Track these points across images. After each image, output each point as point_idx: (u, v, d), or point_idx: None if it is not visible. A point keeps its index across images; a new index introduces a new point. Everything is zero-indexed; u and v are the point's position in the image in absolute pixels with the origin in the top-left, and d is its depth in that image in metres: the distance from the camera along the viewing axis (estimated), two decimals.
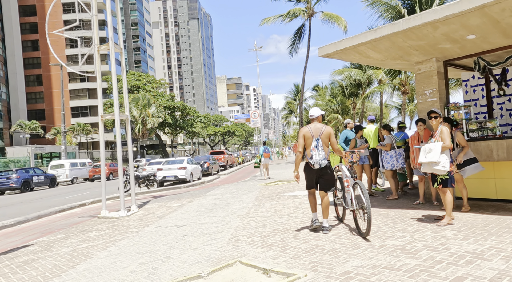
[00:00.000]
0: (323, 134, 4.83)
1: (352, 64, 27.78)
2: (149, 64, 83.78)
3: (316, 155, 4.74)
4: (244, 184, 13.88)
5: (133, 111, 42.91)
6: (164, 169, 17.69)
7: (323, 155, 4.75)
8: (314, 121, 5.00)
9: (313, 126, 4.92)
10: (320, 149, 4.75)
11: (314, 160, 4.75)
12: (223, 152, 30.44)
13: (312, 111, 5.10)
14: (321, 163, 4.76)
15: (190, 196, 11.43)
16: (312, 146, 4.77)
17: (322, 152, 4.75)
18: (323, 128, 4.88)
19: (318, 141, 4.76)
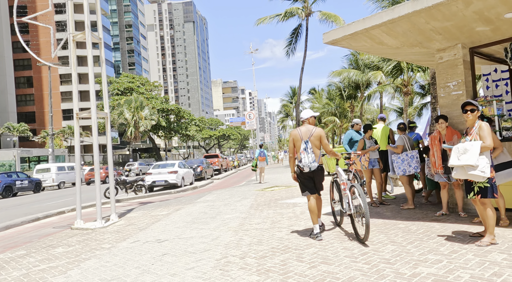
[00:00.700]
0: (312, 136, 4.70)
1: (351, 65, 27.01)
2: (144, 66, 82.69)
3: (305, 158, 4.62)
4: (239, 190, 12.90)
5: (125, 113, 41.85)
6: (154, 174, 16.65)
7: (312, 158, 4.62)
8: (305, 123, 4.89)
9: (303, 128, 4.81)
10: (309, 151, 4.63)
11: (304, 163, 4.63)
12: (218, 156, 29.43)
13: (303, 113, 5.01)
14: (311, 166, 4.62)
15: (179, 203, 10.43)
16: (301, 148, 4.66)
17: (311, 155, 4.63)
18: (313, 130, 4.75)
19: (307, 143, 4.64)
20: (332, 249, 4.22)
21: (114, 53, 76.74)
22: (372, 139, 7.07)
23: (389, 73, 17.71)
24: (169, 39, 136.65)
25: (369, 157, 6.93)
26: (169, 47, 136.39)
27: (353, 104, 32.71)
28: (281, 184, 13.61)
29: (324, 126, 47.77)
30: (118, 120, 41.70)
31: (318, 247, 4.34)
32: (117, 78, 49.92)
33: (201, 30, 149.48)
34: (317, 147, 4.74)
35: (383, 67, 19.35)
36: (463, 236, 4.21)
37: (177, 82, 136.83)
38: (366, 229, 4.11)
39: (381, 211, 6.35)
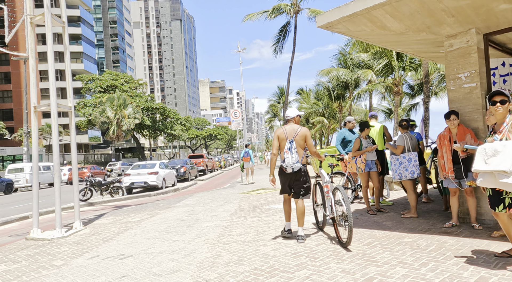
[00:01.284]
0: (298, 135, 4.59)
1: (340, 64, 26.48)
2: (129, 64, 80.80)
3: (288, 158, 4.51)
4: (222, 192, 12.05)
5: (108, 111, 40.43)
6: (133, 174, 15.63)
7: (296, 158, 4.50)
8: (290, 122, 4.77)
9: (289, 127, 4.70)
10: (293, 151, 4.51)
11: (287, 163, 4.52)
12: (203, 156, 28.46)
13: (288, 111, 4.88)
14: (294, 166, 4.50)
15: (156, 208, 9.51)
16: (286, 148, 4.54)
17: (295, 155, 4.51)
18: (299, 129, 4.64)
19: (292, 143, 4.53)
20: (328, 272, 3.44)
21: (98, 49, 74.69)
22: (369, 139, 6.34)
23: (379, 72, 17.15)
24: (155, 37, 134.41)
25: (366, 158, 6.20)
26: (155, 45, 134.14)
27: (342, 104, 32.23)
28: (268, 186, 12.82)
29: (311, 127, 47.31)
30: (100, 119, 40.23)
31: (311, 269, 3.55)
32: (100, 75, 48.28)
33: (188, 28, 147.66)
34: (302, 147, 4.62)
35: (373, 66, 18.81)
36: (486, 256, 3.48)
37: (163, 81, 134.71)
38: (349, 233, 3.97)
39: (380, 220, 5.61)
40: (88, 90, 46.74)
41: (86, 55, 59.43)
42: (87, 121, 43.71)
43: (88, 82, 46.94)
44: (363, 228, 5.16)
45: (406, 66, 16.63)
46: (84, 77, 46.62)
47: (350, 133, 7.58)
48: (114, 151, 48.86)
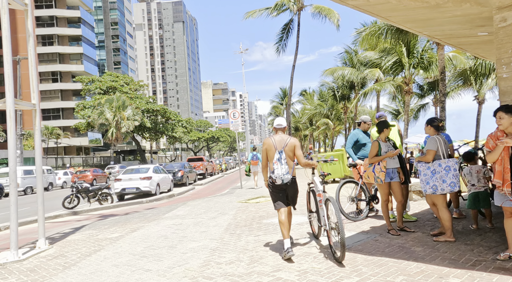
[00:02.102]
0: (287, 146, 4.47)
1: (345, 64, 25.35)
2: (130, 66, 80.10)
3: (278, 169, 4.38)
4: (219, 201, 10.94)
5: (106, 113, 39.52)
6: (124, 180, 14.57)
7: (286, 169, 4.39)
8: (279, 132, 4.66)
9: (278, 137, 4.57)
10: (283, 162, 4.39)
11: (276, 174, 4.39)
12: (202, 159, 27.40)
13: (279, 120, 4.71)
14: (284, 178, 4.38)
15: (142, 220, 8.42)
16: (275, 159, 4.43)
17: (285, 166, 4.40)
18: (288, 139, 4.52)
19: (281, 154, 4.41)
20: None
21: (99, 51, 74.04)
22: (389, 142, 5.21)
23: (388, 69, 16.02)
24: (158, 39, 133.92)
25: (386, 166, 5.06)
26: (158, 47, 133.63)
27: (347, 105, 31.08)
28: (268, 194, 11.70)
29: (315, 129, 46.15)
30: (98, 120, 39.33)
31: None
32: (99, 77, 47.49)
33: (191, 30, 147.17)
34: (291, 158, 4.48)
35: (381, 64, 17.69)
36: None
37: (165, 83, 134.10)
38: (342, 249, 3.80)
39: (406, 244, 4.47)
40: (88, 91, 45.87)
41: (87, 56, 58.71)
42: (86, 123, 42.83)
43: (88, 84, 46.10)
44: (387, 256, 4.03)
45: (417, 63, 15.48)
46: (84, 78, 45.78)
47: (365, 135, 6.46)
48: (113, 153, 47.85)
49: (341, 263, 3.88)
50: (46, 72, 56.23)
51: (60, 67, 56.43)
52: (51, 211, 12.98)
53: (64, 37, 57.41)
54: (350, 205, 6.32)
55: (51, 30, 56.16)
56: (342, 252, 3.81)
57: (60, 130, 49.24)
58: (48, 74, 56.44)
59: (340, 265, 3.86)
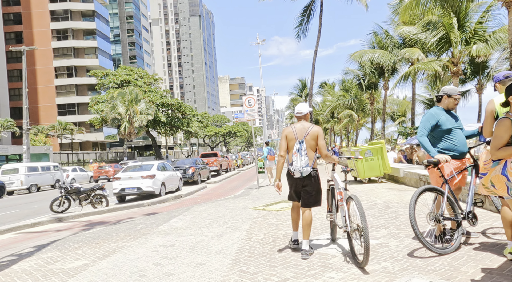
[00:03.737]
0: (308, 135, 4.06)
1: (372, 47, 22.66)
2: (146, 60, 79.09)
3: (297, 161, 4.00)
4: (230, 206, 8.83)
5: (119, 107, 38.15)
6: (123, 179, 12.68)
7: (305, 161, 3.98)
8: (301, 120, 4.22)
9: (299, 125, 4.16)
10: (303, 154, 4.00)
11: (294, 166, 4.01)
12: (216, 154, 25.43)
13: (300, 107, 4.27)
14: (303, 171, 3.98)
15: (126, 235, 6.41)
16: (294, 149, 4.03)
17: (304, 158, 3.99)
18: (310, 128, 4.10)
19: (301, 144, 4.01)
20: None
21: (115, 45, 73.27)
22: None
23: (433, 47, 13.41)
24: (174, 34, 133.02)
25: None
26: (174, 42, 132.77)
27: (373, 95, 28.34)
28: None
29: (337, 122, 43.44)
30: (111, 115, 38.03)
31: None
32: (114, 71, 46.28)
33: (207, 24, 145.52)
34: (313, 149, 4.07)
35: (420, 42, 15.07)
36: None
37: (182, 78, 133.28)
38: (366, 252, 3.38)
39: None
40: (102, 86, 44.78)
41: (101, 50, 57.77)
42: (101, 118, 41.71)
43: (102, 78, 45.01)
44: None
45: (470, 37, 12.84)
46: (98, 72, 44.67)
47: (449, 116, 4.18)
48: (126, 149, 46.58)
49: (364, 269, 3.48)
50: (61, 66, 55.64)
51: (75, 61, 55.69)
52: (39, 214, 11.27)
53: (79, 31, 56.60)
54: (431, 226, 4.02)
55: (66, 24, 55.42)
56: (365, 257, 3.41)
57: (74, 126, 48.46)
58: (63, 69, 55.83)
59: (363, 271, 3.43)
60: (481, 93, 20.93)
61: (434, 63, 13.53)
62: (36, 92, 54.96)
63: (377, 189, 9.35)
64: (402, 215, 5.85)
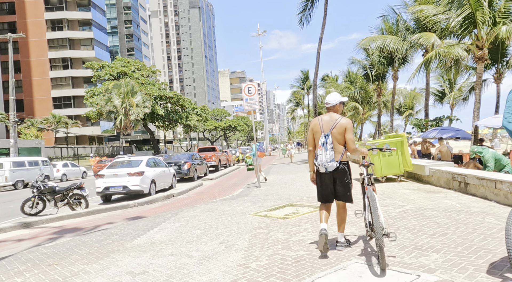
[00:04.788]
0: (335, 128, 3.77)
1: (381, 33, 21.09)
2: (144, 52, 77.33)
3: (322, 155, 3.74)
4: (226, 210, 7.44)
5: (114, 100, 36.73)
6: (108, 176, 11.27)
7: (331, 156, 3.71)
8: (330, 111, 3.94)
9: (326, 117, 3.89)
10: (328, 148, 3.73)
11: (319, 161, 3.77)
12: (215, 149, 24.02)
13: (329, 97, 3.98)
14: (327, 166, 3.72)
15: (91, 252, 5.03)
16: (319, 143, 3.79)
17: (330, 152, 3.72)
18: (338, 120, 3.80)
19: (327, 137, 3.74)
20: None
21: (112, 37, 71.54)
22: None
23: (457, 28, 11.90)
24: (173, 26, 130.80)
25: None
26: (173, 34, 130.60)
27: (381, 86, 26.81)
28: (300, 197, 8.08)
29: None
30: (106, 107, 36.61)
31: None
32: (110, 63, 44.73)
33: (207, 16, 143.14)
34: (340, 142, 3.78)
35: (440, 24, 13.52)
36: None
37: (182, 71, 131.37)
38: (380, 254, 3.19)
39: None
40: (98, 78, 43.30)
41: (98, 41, 56.10)
42: (97, 111, 40.27)
43: (98, 70, 43.51)
44: None
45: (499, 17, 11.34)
46: (94, 64, 43.14)
47: None
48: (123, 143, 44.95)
49: (385, 271, 3.20)
50: (57, 58, 54.02)
51: (70, 53, 54.06)
52: (11, 217, 9.90)
53: (74, 21, 54.87)
54: None
55: (61, 14, 53.69)
56: (380, 259, 3.18)
57: (70, 119, 47.00)
58: (58, 61, 54.23)
59: (383, 273, 3.14)
60: (499, 82, 19.42)
61: (458, 47, 12.07)
62: (30, 85, 53.44)
63: (399, 190, 7.95)
64: (449, 230, 4.44)
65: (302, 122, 64.83)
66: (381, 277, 3.15)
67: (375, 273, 3.23)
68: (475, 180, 6.29)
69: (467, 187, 6.64)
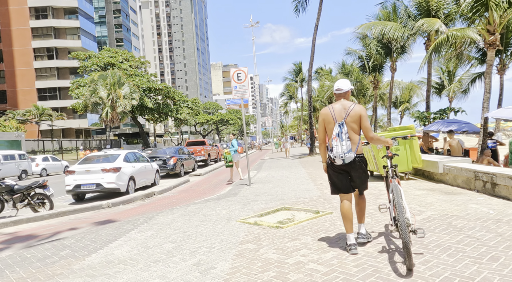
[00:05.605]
0: (349, 116, 3.48)
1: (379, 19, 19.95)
2: (134, 43, 75.19)
3: (338, 147, 3.44)
4: (209, 215, 6.29)
5: (100, 91, 35.10)
6: (79, 172, 10.01)
7: (348, 146, 3.42)
8: (341, 99, 3.65)
9: (338, 105, 3.58)
10: (344, 138, 3.43)
11: (335, 153, 3.46)
12: (204, 143, 22.80)
13: (340, 83, 3.67)
14: (345, 157, 3.43)
15: (23, 278, 3.84)
16: (334, 133, 3.48)
17: (347, 142, 3.42)
18: (351, 107, 3.51)
19: (342, 126, 3.45)
20: None
21: (100, 27, 69.27)
22: None
23: (467, 10, 10.82)
24: (165, 17, 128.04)
25: None
26: (165, 26, 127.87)
27: (377, 78, 25.79)
28: (296, 198, 6.95)
29: None
30: (91, 99, 35.00)
31: None
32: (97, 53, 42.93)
33: (199, 8, 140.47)
34: (356, 131, 3.51)
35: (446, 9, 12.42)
36: None
37: (173, 63, 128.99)
38: (406, 253, 2.91)
39: None
40: (85, 68, 41.55)
41: (84, 31, 54.05)
42: (83, 103, 38.61)
43: (85, 60, 41.74)
44: None
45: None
46: (80, 54, 41.30)
47: None
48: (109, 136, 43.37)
49: (411, 271, 2.95)
50: (41, 48, 51.90)
51: (55, 42, 51.98)
52: None
53: (59, 9, 52.68)
54: None
55: (45, 2, 51.49)
56: (407, 257, 2.92)
57: (55, 111, 45.21)
58: (43, 50, 52.11)
59: (409, 274, 2.88)
60: (503, 74, 18.45)
61: (470, 30, 10.99)
62: (13, 75, 51.31)
63: (410, 191, 6.88)
64: (498, 250, 3.34)
65: (296, 116, 63.78)
66: (408, 277, 2.84)
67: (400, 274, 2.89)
68: (507, 180, 5.22)
69: (495, 188, 5.58)
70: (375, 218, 4.92)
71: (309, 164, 15.45)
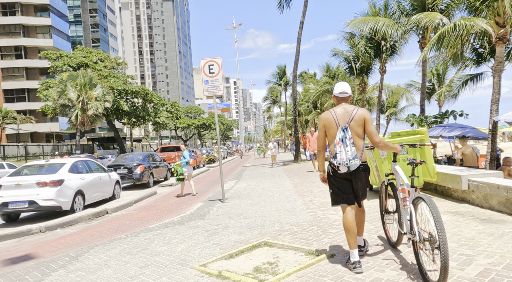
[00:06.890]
0: (353, 120, 3.23)
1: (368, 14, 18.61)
2: (111, 44, 72.21)
3: (342, 153, 3.17)
4: (159, 252, 4.44)
5: (69, 92, 32.57)
6: (6, 187, 7.93)
7: (353, 152, 3.15)
8: (342, 103, 3.38)
9: (340, 109, 3.32)
10: (348, 143, 3.17)
11: (339, 159, 3.18)
12: (179, 148, 20.81)
13: (344, 86, 3.39)
14: (350, 164, 3.16)
15: None
16: (337, 138, 3.22)
17: (351, 148, 3.16)
18: (355, 111, 3.26)
19: (345, 131, 3.19)
20: None
21: (75, 27, 66.18)
22: None
23: None
24: (146, 20, 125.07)
25: None
26: (146, 28, 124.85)
27: (364, 80, 24.54)
28: (281, 224, 5.15)
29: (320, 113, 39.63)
30: (59, 101, 32.43)
31: None
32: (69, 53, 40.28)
33: (181, 11, 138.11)
34: (360, 136, 3.27)
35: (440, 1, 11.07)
36: None
37: (154, 66, 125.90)
38: (442, 272, 2.54)
39: None
40: (56, 69, 38.84)
41: (56, 29, 51.09)
42: (53, 106, 35.86)
43: (56, 60, 39.03)
44: None
45: None
46: (50, 53, 38.57)
47: None
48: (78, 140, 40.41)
49: None
50: (8, 46, 48.57)
51: (24, 41, 48.77)
52: None
53: (29, 6, 49.57)
54: None
55: None
56: (441, 276, 2.54)
57: (20, 114, 42.10)
58: (10, 49, 48.79)
59: None
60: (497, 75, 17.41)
61: (479, 20, 9.65)
62: None
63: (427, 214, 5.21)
64: None
65: (279, 121, 62.32)
66: None
67: None
68: None
69: None
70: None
71: (294, 173, 13.75)
